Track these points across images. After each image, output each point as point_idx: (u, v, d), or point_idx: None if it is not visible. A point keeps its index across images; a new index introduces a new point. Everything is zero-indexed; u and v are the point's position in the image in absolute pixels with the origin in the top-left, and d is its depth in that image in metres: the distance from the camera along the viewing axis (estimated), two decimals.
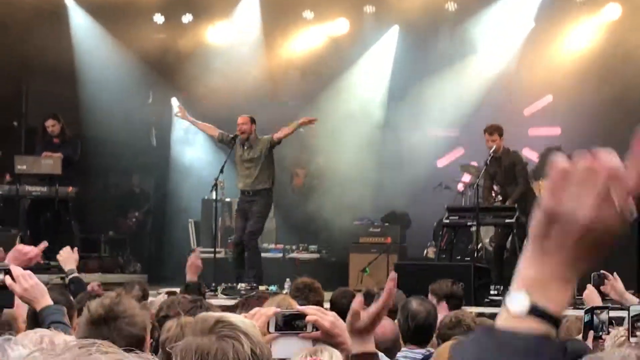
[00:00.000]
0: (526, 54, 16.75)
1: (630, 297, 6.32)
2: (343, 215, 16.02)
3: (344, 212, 16.10)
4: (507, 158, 12.75)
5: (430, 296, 8.25)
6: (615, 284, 6.29)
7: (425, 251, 15.32)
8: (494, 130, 12.66)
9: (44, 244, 5.09)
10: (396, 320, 6.05)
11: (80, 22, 16.82)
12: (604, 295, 6.35)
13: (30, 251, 4.92)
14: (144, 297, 7.41)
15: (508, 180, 12.78)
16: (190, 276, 7.73)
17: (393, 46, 17.56)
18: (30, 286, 4.25)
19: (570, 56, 16.49)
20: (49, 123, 14.18)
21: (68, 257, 7.05)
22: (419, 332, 5.81)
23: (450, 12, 16.56)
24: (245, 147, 13.38)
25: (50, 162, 13.84)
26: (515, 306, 1.47)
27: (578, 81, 16.11)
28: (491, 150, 12.54)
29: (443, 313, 6.79)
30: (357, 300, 2.95)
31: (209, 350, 2.63)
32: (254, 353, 2.64)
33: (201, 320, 2.75)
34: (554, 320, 1.47)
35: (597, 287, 6.21)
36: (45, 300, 4.30)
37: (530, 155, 15.77)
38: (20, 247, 4.93)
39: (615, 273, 6.36)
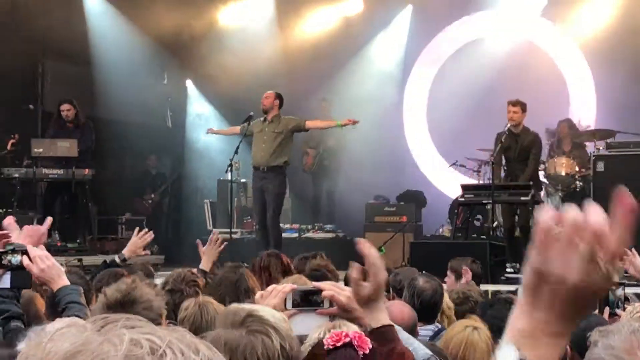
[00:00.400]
0: (539, 32, 16.71)
1: None
2: (358, 195, 16.05)
3: (358, 192, 16.13)
4: (526, 137, 12.47)
5: (449, 273, 8.29)
6: (634, 259, 6.30)
7: (440, 229, 15.34)
8: (517, 102, 12.44)
9: (50, 219, 5.10)
10: (402, 298, 6.08)
11: (94, 4, 16.84)
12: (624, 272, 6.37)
13: (40, 228, 4.91)
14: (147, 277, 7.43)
15: (520, 159, 12.50)
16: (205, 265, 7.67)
17: (406, 26, 17.54)
18: (47, 267, 4.28)
19: (583, 36, 16.43)
20: (64, 107, 14.21)
21: None
22: (425, 309, 5.84)
23: None
24: (265, 122, 13.26)
25: (66, 145, 13.89)
26: (505, 358, 1.45)
27: (592, 61, 16.08)
28: (510, 124, 12.33)
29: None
30: (355, 269, 2.94)
31: (238, 345, 2.66)
32: (282, 348, 2.67)
33: (232, 313, 2.78)
34: None
35: None
36: (62, 280, 4.33)
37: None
38: (30, 227, 4.94)
39: (633, 249, 6.34)
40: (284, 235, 15.26)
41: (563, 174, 13.75)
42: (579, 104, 16.41)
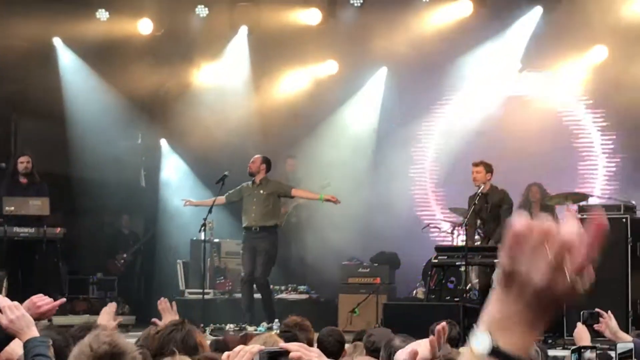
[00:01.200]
0: (513, 93, 16.87)
1: (623, 335, 6.35)
2: (332, 256, 16.01)
3: (332, 253, 16.09)
4: (494, 195, 12.80)
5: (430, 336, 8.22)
6: (609, 322, 6.33)
7: (414, 291, 15.29)
8: (480, 163, 12.79)
9: (62, 301, 4.96)
10: (380, 359, 6.03)
11: (69, 63, 16.88)
12: (598, 334, 6.38)
13: (44, 305, 4.83)
14: None
15: (492, 218, 12.79)
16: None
17: (381, 87, 17.65)
18: (17, 317, 4.21)
19: (556, 97, 16.61)
20: (23, 159, 14.15)
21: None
22: None
23: (439, 52, 16.64)
24: (254, 185, 13.72)
25: (38, 203, 13.81)
26: (477, 346, 1.48)
27: (560, 122, 16.23)
28: (477, 186, 12.66)
29: None
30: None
31: None
32: None
33: None
34: None
35: (591, 326, 6.24)
36: (31, 332, 4.23)
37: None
38: (36, 299, 4.84)
39: (609, 311, 6.41)
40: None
41: None
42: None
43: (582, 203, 13.09)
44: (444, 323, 2.94)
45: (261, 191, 13.64)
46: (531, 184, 14.78)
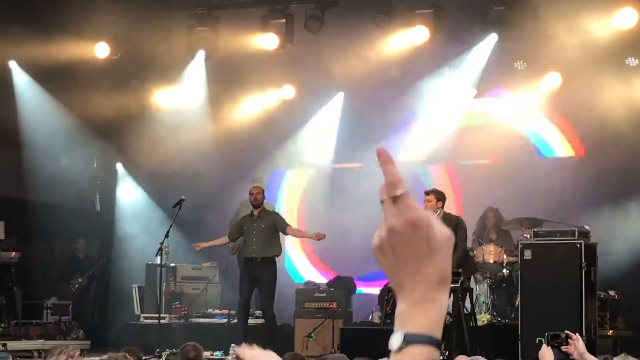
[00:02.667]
0: (468, 120, 17.03)
1: (590, 357, 6.46)
2: (288, 280, 16.02)
3: (288, 277, 16.10)
4: (448, 222, 12.73)
5: None
6: (576, 343, 6.47)
7: (370, 316, 15.33)
8: (431, 192, 12.85)
9: None
10: None
11: (24, 86, 16.78)
12: (565, 355, 6.52)
13: None
14: None
15: None
16: None
17: (338, 112, 17.74)
18: None
19: (511, 124, 16.80)
20: None
21: None
22: None
23: (394, 78, 16.76)
24: (253, 217, 13.98)
25: None
26: (393, 344, 1.52)
27: (518, 147, 16.39)
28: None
29: None
30: None
31: None
32: None
33: None
34: (429, 341, 1.51)
35: (555, 347, 6.38)
36: None
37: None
38: None
39: (577, 333, 6.58)
40: (213, 320, 15.16)
41: (491, 261, 13.95)
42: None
43: (537, 228, 13.21)
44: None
45: (261, 224, 13.90)
46: (487, 210, 14.91)
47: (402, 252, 1.53)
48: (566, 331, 6.47)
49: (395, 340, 1.52)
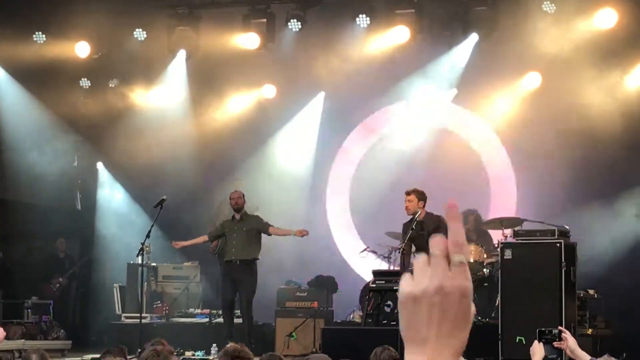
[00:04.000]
0: (449, 120, 17.08)
1: (581, 353, 6.51)
2: (269, 280, 16.02)
3: (269, 277, 16.09)
4: (431, 223, 12.78)
5: None
6: (568, 340, 6.53)
7: (351, 315, 15.35)
8: (412, 191, 12.88)
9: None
10: None
11: (4, 85, 16.74)
12: (559, 351, 6.59)
13: None
14: None
15: (427, 245, 12.73)
16: None
17: (319, 111, 17.76)
18: None
19: (492, 123, 16.86)
20: None
21: None
22: None
23: (375, 77, 16.78)
24: (234, 220, 14.16)
25: None
26: None
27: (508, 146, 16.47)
28: (409, 215, 12.80)
29: None
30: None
31: None
32: None
33: None
34: None
35: (547, 343, 6.46)
36: None
37: None
38: None
39: (568, 331, 6.64)
40: (194, 320, 15.16)
41: (471, 261, 13.98)
42: (499, 189, 16.72)
43: (517, 228, 13.27)
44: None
45: (243, 228, 14.05)
46: (467, 212, 14.97)
47: (442, 312, 1.53)
48: (559, 327, 6.55)
49: None
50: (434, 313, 1.53)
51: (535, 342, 6.45)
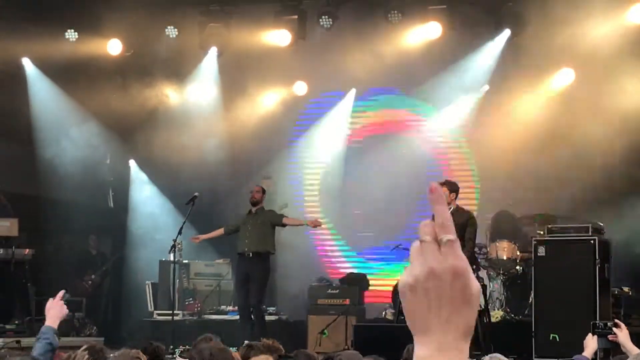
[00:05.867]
0: (479, 116, 16.98)
1: (631, 346, 6.52)
2: (301, 277, 16.02)
3: (302, 274, 16.10)
4: (459, 217, 12.58)
5: None
6: (620, 333, 6.57)
7: (383, 312, 15.31)
8: (443, 183, 12.62)
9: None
10: None
11: (37, 83, 16.80)
12: (613, 344, 6.65)
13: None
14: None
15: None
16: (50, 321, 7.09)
17: (349, 108, 17.73)
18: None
19: (522, 120, 16.72)
20: None
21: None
22: None
23: (406, 74, 16.73)
24: (250, 214, 14.10)
25: (7, 225, 13.72)
26: None
27: (527, 146, 16.31)
28: None
29: None
30: None
31: None
32: None
33: None
34: None
35: (603, 336, 6.53)
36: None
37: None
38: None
39: (623, 323, 6.77)
40: (226, 317, 15.17)
41: (504, 258, 13.90)
42: (531, 185, 16.58)
43: (550, 225, 13.17)
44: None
45: (258, 221, 13.99)
46: (501, 212, 14.89)
47: (437, 297, 1.51)
48: (615, 320, 6.60)
49: None
50: (430, 299, 1.51)
51: (589, 334, 6.50)
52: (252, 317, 13.95)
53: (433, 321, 1.51)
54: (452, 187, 12.56)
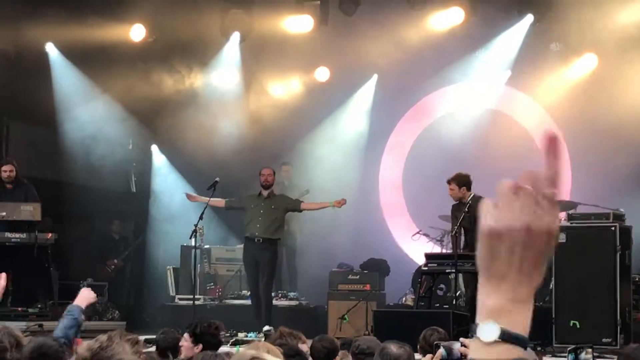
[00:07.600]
0: (502, 102, 16.95)
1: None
2: (322, 262, 16.06)
3: (322, 259, 16.14)
4: (476, 204, 12.60)
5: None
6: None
7: (403, 298, 15.34)
8: (452, 180, 12.78)
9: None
10: None
11: (61, 68, 16.85)
12: None
13: None
14: None
15: (473, 227, 12.67)
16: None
17: (372, 94, 17.71)
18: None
19: (546, 104, 16.69)
20: (7, 168, 14.17)
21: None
22: None
23: (428, 60, 16.71)
24: (261, 197, 13.93)
25: (29, 209, 13.80)
26: (486, 335, 1.52)
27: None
28: (455, 200, 12.80)
29: None
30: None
31: None
32: None
33: (239, 356, 2.96)
34: (524, 343, 1.52)
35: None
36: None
37: None
38: None
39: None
40: (247, 302, 15.22)
41: None
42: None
43: (571, 211, 13.14)
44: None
45: (272, 205, 13.87)
46: None
47: (524, 251, 1.51)
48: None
49: (490, 332, 1.52)
50: (516, 251, 1.52)
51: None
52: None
53: (512, 270, 1.52)
54: (461, 182, 12.69)
